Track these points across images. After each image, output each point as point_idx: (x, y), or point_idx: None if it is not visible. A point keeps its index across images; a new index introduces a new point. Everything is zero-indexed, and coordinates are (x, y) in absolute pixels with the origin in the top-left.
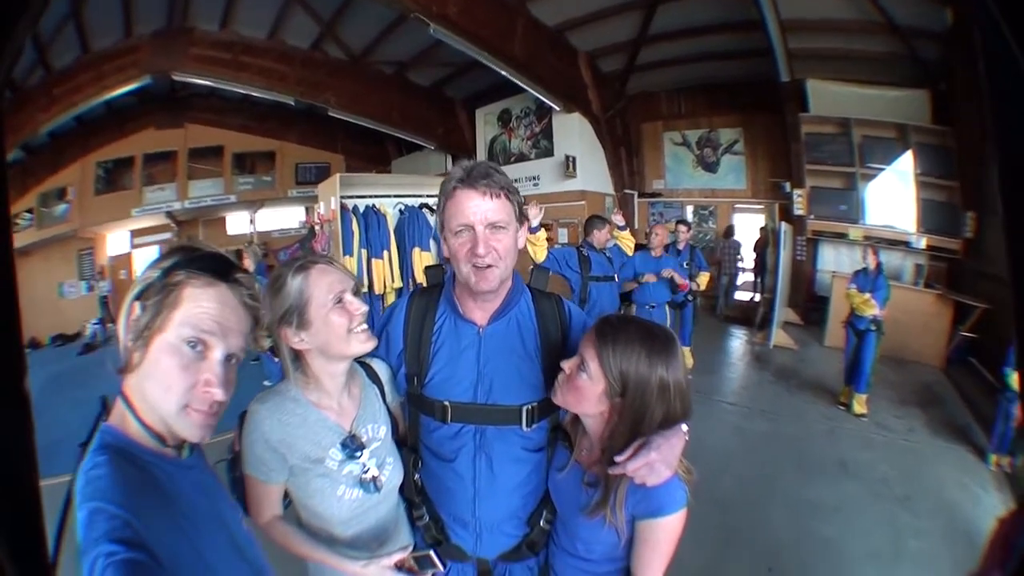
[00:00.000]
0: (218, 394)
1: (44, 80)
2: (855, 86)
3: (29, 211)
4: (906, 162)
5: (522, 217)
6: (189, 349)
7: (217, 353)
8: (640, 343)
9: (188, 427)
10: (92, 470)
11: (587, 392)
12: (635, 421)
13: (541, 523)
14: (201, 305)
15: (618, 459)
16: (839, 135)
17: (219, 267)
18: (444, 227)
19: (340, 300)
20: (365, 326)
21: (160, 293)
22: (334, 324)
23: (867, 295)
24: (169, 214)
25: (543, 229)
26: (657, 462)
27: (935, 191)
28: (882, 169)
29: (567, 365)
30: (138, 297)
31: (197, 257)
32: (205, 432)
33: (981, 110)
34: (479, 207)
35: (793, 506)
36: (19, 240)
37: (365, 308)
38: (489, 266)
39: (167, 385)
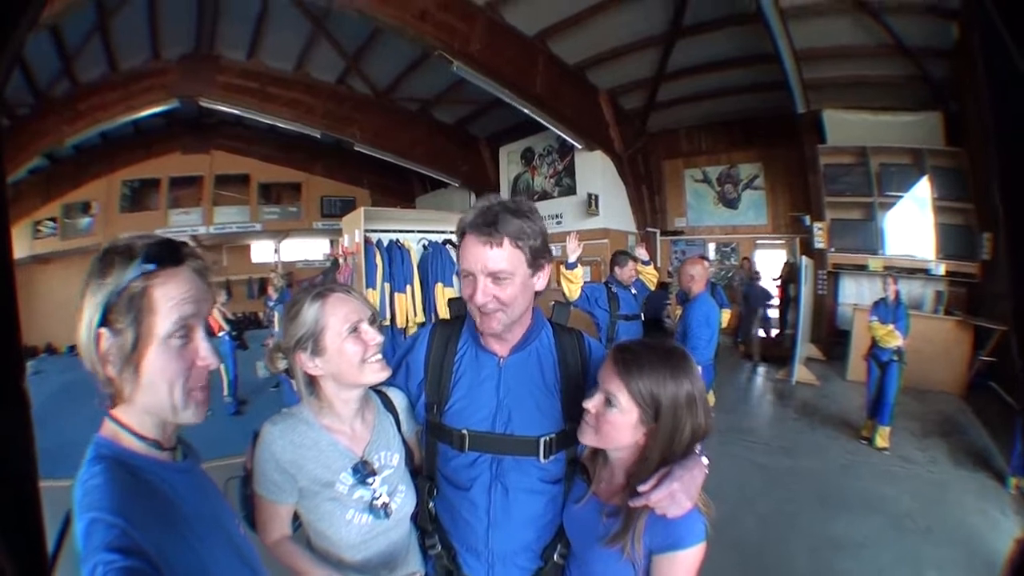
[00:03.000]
0: (213, 363)
1: (70, 92)
2: (870, 113)
3: (52, 220)
4: (923, 188)
5: (539, 260)
6: (178, 341)
7: (200, 330)
8: (662, 363)
9: (192, 411)
10: (89, 480)
11: (621, 425)
12: (668, 441)
13: (555, 557)
14: (175, 297)
15: (641, 488)
16: (857, 165)
17: (170, 254)
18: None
19: (356, 329)
20: (379, 356)
21: (129, 311)
22: (348, 353)
23: (890, 326)
24: (194, 238)
25: (579, 266)
26: (679, 492)
27: (952, 215)
28: (900, 197)
29: (592, 405)
30: (102, 324)
31: (144, 256)
32: (205, 409)
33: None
34: (480, 256)
35: (815, 543)
36: (41, 247)
37: (380, 339)
38: (493, 311)
39: (169, 383)
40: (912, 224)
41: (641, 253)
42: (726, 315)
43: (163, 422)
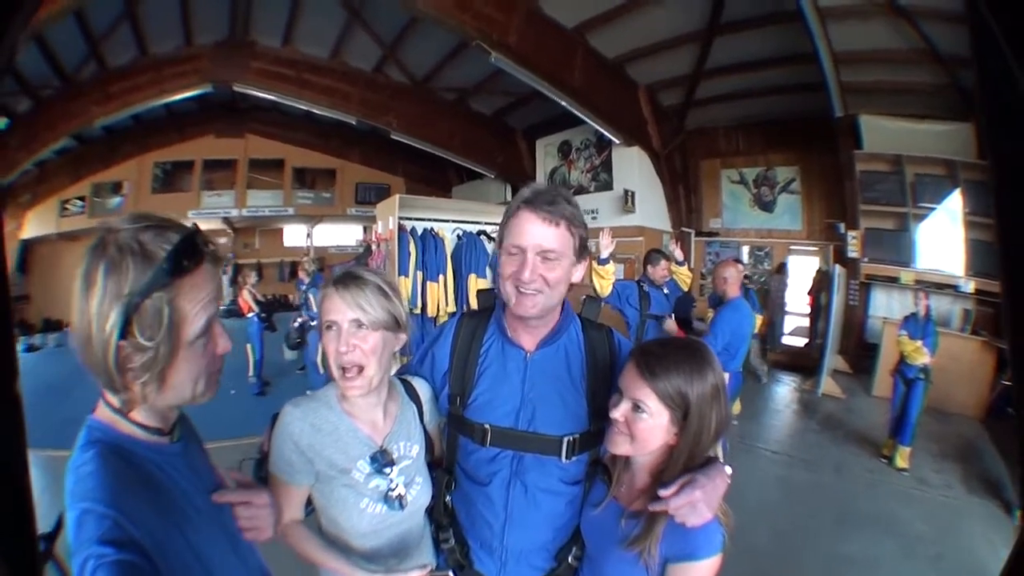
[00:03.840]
0: (229, 346)
1: (99, 75)
2: (905, 121)
3: (81, 199)
4: (955, 201)
5: (583, 251)
6: (203, 340)
7: (218, 319)
8: (686, 360)
9: (210, 391)
10: (81, 467)
11: (654, 430)
12: (697, 437)
13: (569, 559)
14: (201, 300)
15: (662, 493)
16: (892, 173)
17: (192, 254)
18: (501, 244)
19: (330, 328)
20: (352, 371)
21: (155, 324)
22: (326, 348)
23: (919, 342)
24: (226, 219)
25: (612, 262)
26: (700, 502)
27: (983, 231)
28: (932, 208)
29: (620, 414)
30: (122, 337)
31: (169, 263)
32: (217, 387)
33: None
34: (535, 232)
35: (828, 561)
36: (67, 225)
37: (344, 350)
38: (535, 292)
39: (195, 380)
40: (944, 238)
41: (676, 252)
42: (757, 320)
43: (171, 408)
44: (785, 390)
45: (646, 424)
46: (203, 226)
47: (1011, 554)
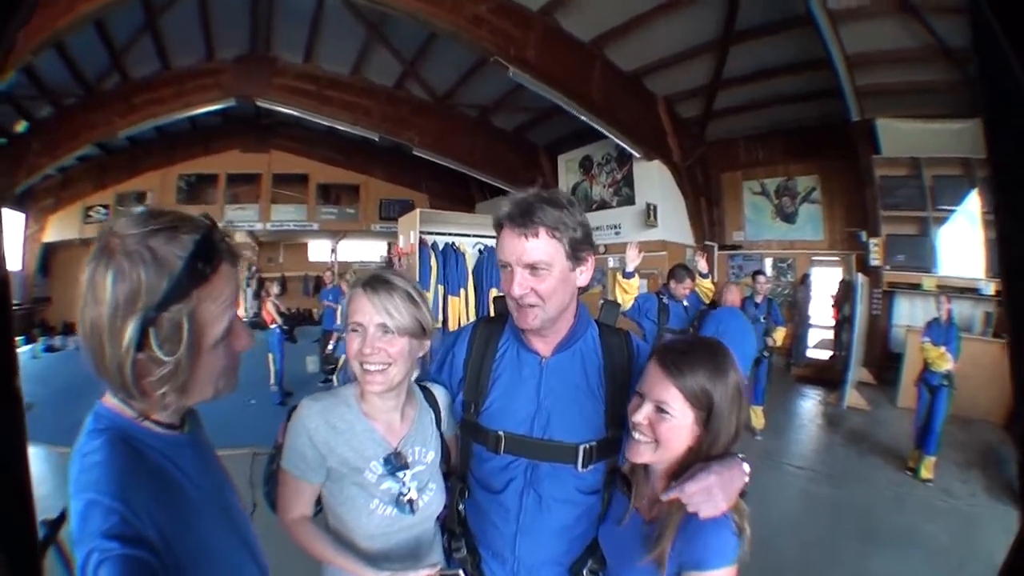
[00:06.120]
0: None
1: (122, 86)
2: (920, 122)
3: (105, 206)
4: (973, 201)
5: (579, 252)
6: (224, 341)
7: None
8: (706, 357)
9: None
10: (88, 456)
11: (679, 432)
12: (715, 437)
13: (584, 573)
14: (222, 302)
15: (676, 484)
16: (910, 177)
17: (207, 256)
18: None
19: (355, 330)
20: (378, 369)
21: (176, 338)
22: (350, 346)
23: (942, 348)
24: (251, 233)
25: (636, 276)
26: (715, 488)
27: None
28: (952, 211)
29: (643, 415)
30: (139, 350)
31: (188, 273)
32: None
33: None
34: (515, 247)
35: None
36: (92, 231)
37: (369, 353)
38: (530, 305)
39: (216, 381)
40: (962, 239)
41: (700, 264)
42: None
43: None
44: (810, 404)
45: (670, 425)
46: None
47: (1010, 554)
